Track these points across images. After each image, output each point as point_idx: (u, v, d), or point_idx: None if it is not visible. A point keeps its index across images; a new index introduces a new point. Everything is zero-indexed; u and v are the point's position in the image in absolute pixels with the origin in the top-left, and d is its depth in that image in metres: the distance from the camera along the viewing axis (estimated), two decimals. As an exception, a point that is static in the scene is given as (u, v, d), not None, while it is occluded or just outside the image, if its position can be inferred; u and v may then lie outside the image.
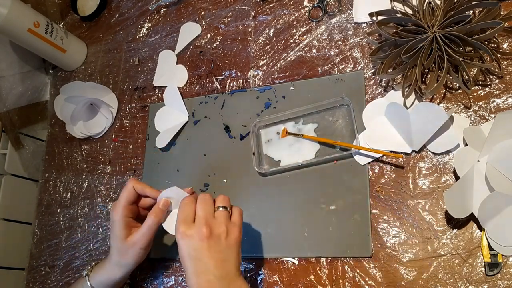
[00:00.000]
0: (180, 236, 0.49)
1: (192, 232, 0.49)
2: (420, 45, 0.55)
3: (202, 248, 0.48)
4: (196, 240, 0.49)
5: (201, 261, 0.48)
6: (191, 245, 0.49)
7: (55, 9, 0.97)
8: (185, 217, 0.51)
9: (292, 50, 0.71)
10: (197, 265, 0.48)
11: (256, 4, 0.77)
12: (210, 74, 0.77)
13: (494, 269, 0.50)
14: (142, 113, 0.81)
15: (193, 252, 0.49)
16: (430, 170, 0.57)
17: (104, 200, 0.78)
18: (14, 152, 0.85)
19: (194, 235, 0.49)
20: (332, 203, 0.60)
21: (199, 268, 0.48)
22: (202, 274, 0.48)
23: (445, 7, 0.54)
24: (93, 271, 0.62)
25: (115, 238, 0.58)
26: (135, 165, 0.77)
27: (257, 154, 0.66)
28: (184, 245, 0.49)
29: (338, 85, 0.65)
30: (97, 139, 0.83)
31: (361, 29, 0.67)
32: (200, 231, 0.49)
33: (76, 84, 0.83)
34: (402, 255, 0.55)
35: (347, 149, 0.61)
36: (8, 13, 0.74)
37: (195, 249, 0.48)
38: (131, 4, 0.91)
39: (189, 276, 0.49)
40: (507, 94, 0.55)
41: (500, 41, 0.58)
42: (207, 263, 0.48)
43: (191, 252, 0.49)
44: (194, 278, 0.48)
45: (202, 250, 0.48)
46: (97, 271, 0.61)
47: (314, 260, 0.59)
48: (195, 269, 0.48)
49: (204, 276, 0.48)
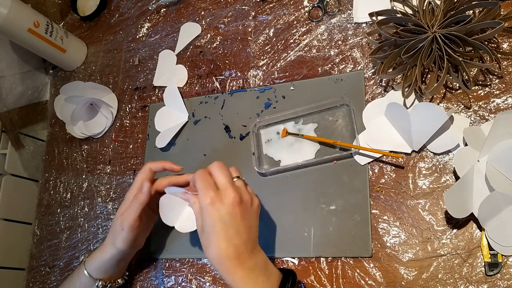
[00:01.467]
0: (211, 202, 0.48)
1: (224, 196, 0.49)
2: (420, 45, 0.55)
3: (235, 213, 0.49)
4: (228, 205, 0.48)
5: (233, 226, 0.48)
6: (223, 210, 0.48)
7: (55, 9, 0.97)
8: (210, 184, 0.50)
9: (292, 50, 0.71)
10: (228, 231, 0.48)
11: (256, 4, 0.77)
12: (210, 74, 0.77)
13: (494, 269, 0.50)
14: (142, 113, 0.81)
15: (225, 217, 0.48)
16: (430, 170, 0.57)
17: (104, 200, 0.78)
18: (14, 152, 0.85)
19: (226, 200, 0.49)
20: (332, 203, 0.60)
21: (230, 233, 0.48)
22: (232, 239, 0.48)
23: (445, 7, 0.54)
24: (89, 256, 0.63)
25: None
26: (135, 165, 0.77)
27: (257, 154, 0.66)
28: (215, 211, 0.48)
29: (338, 85, 0.65)
30: (97, 139, 0.83)
31: (361, 29, 0.67)
32: (232, 197, 0.49)
33: (76, 84, 0.83)
34: (402, 255, 0.55)
35: (347, 149, 0.61)
36: (8, 13, 0.74)
37: (228, 214, 0.48)
38: (131, 4, 0.91)
39: (216, 243, 0.48)
40: (507, 94, 0.55)
41: (500, 41, 0.58)
42: (239, 229, 0.48)
43: (224, 217, 0.48)
44: (224, 243, 0.48)
45: (235, 215, 0.49)
46: (92, 255, 0.62)
47: (314, 260, 0.59)
48: (226, 235, 0.48)
49: (233, 241, 0.48)
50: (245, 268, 0.48)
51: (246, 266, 0.48)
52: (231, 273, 0.48)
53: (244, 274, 0.48)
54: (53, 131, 0.90)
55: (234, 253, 0.48)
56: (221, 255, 0.48)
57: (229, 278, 0.48)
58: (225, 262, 0.48)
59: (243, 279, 0.47)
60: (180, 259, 0.68)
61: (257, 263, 0.49)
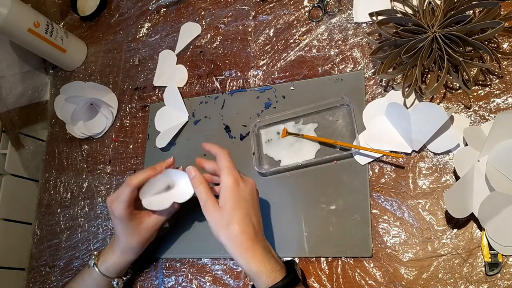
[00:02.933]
0: (235, 180, 0.52)
1: (246, 179, 0.54)
2: (420, 45, 0.55)
3: (255, 196, 0.54)
4: (250, 187, 0.54)
5: (253, 207, 0.53)
6: (247, 189, 0.53)
7: (55, 9, 0.97)
8: (234, 165, 0.55)
9: (292, 50, 0.71)
10: (249, 210, 0.52)
11: (256, 4, 0.77)
12: (210, 74, 0.77)
13: (494, 269, 0.50)
14: (142, 113, 0.81)
15: (248, 197, 0.53)
16: (430, 170, 0.57)
17: (104, 200, 0.78)
18: (14, 152, 0.85)
19: (248, 182, 0.54)
20: (332, 203, 0.60)
21: (251, 212, 0.52)
22: (252, 218, 0.52)
23: (445, 7, 0.54)
24: (100, 259, 0.63)
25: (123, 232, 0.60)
26: (135, 165, 0.77)
27: (257, 154, 0.66)
28: (240, 190, 0.52)
29: (338, 85, 0.65)
30: (97, 139, 0.83)
31: (361, 29, 0.67)
32: (252, 181, 0.55)
33: (76, 84, 0.83)
34: (402, 255, 0.55)
35: (347, 149, 0.61)
36: (8, 13, 0.74)
37: (250, 194, 0.53)
38: (131, 4, 0.91)
39: (240, 220, 0.51)
40: (507, 94, 0.55)
41: (500, 41, 0.58)
42: (257, 210, 0.54)
43: (247, 197, 0.53)
44: (245, 221, 0.51)
45: (255, 197, 0.54)
46: (105, 259, 0.62)
47: (314, 260, 0.59)
48: (248, 213, 0.52)
49: (253, 219, 0.52)
50: (262, 247, 0.51)
51: (262, 245, 0.52)
52: (249, 250, 0.50)
53: (262, 252, 0.51)
54: (53, 131, 0.90)
55: (253, 231, 0.51)
56: (243, 232, 0.50)
57: (247, 255, 0.50)
58: (245, 239, 0.50)
59: (261, 256, 0.50)
60: (181, 259, 0.68)
61: (268, 246, 0.53)
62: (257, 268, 0.49)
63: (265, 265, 0.49)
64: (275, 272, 0.49)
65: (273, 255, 0.52)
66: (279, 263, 0.51)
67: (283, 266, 0.51)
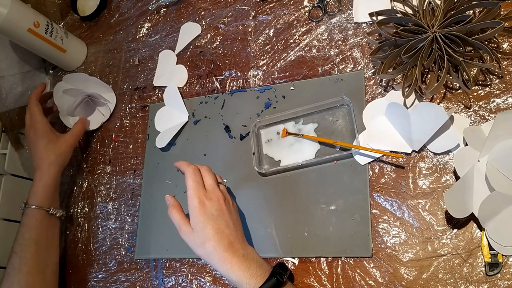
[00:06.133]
0: (199, 201, 0.54)
1: (212, 195, 0.55)
2: (420, 45, 0.55)
3: (223, 209, 0.55)
4: (217, 202, 0.55)
5: (223, 220, 0.54)
6: (214, 206, 0.54)
7: (55, 9, 0.97)
8: (200, 184, 0.56)
9: (292, 50, 0.71)
10: (220, 224, 0.53)
11: (256, 4, 0.77)
12: (210, 74, 0.77)
13: (494, 269, 0.50)
14: (142, 113, 0.81)
15: (215, 213, 0.54)
16: (430, 170, 0.57)
17: (104, 200, 0.78)
18: (14, 152, 0.85)
19: (214, 198, 0.55)
20: (332, 203, 0.60)
21: (222, 226, 0.53)
22: (224, 230, 0.53)
23: (445, 7, 0.54)
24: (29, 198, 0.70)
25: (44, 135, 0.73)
26: (135, 165, 0.77)
27: (257, 154, 0.66)
28: (205, 209, 0.54)
29: (338, 85, 0.65)
30: (97, 139, 0.83)
31: (361, 29, 0.67)
32: (219, 195, 0.56)
33: (80, 75, 0.83)
34: (402, 255, 0.55)
35: (347, 149, 0.61)
36: (8, 13, 0.74)
37: (217, 210, 0.54)
38: (131, 4, 0.91)
39: (212, 237, 0.52)
40: (507, 94, 0.55)
41: (500, 41, 0.58)
42: (228, 221, 0.54)
43: (213, 213, 0.54)
44: (218, 235, 0.52)
45: (223, 210, 0.55)
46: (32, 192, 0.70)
47: (314, 260, 0.59)
48: (218, 228, 0.53)
49: (225, 232, 0.53)
50: (239, 256, 0.52)
51: (240, 253, 0.52)
52: (227, 262, 0.51)
53: (239, 260, 0.51)
54: (53, 131, 0.89)
55: (227, 243, 0.52)
56: (216, 246, 0.52)
57: (225, 267, 0.51)
58: (221, 252, 0.52)
59: (239, 265, 0.51)
60: (180, 259, 0.68)
61: (248, 253, 0.53)
62: (236, 277, 0.51)
63: (243, 273, 0.51)
64: (256, 278, 0.50)
65: (255, 261, 0.52)
66: (261, 267, 0.52)
67: (266, 270, 0.52)
